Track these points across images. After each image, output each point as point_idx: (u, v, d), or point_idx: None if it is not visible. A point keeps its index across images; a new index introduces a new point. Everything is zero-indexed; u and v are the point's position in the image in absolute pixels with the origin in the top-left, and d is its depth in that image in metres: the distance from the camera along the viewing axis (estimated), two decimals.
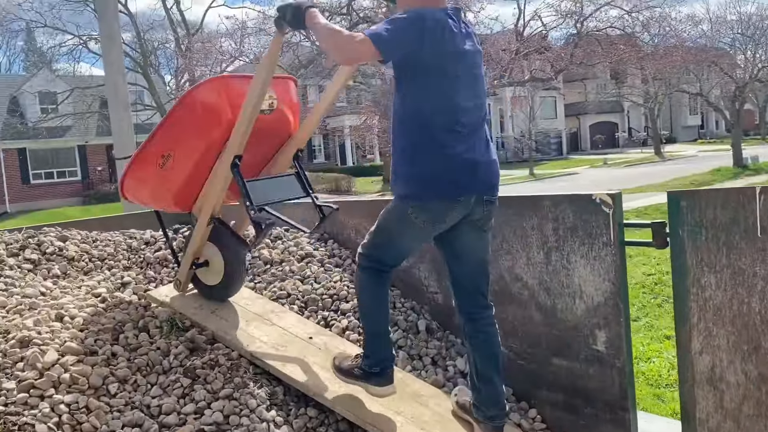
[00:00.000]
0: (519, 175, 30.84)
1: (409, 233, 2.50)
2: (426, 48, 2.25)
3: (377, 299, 2.63)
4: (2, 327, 2.78)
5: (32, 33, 39.74)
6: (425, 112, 2.35)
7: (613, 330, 2.60)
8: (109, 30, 8.88)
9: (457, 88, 2.36)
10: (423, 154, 2.36)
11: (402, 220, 2.45)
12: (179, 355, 2.81)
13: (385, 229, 2.54)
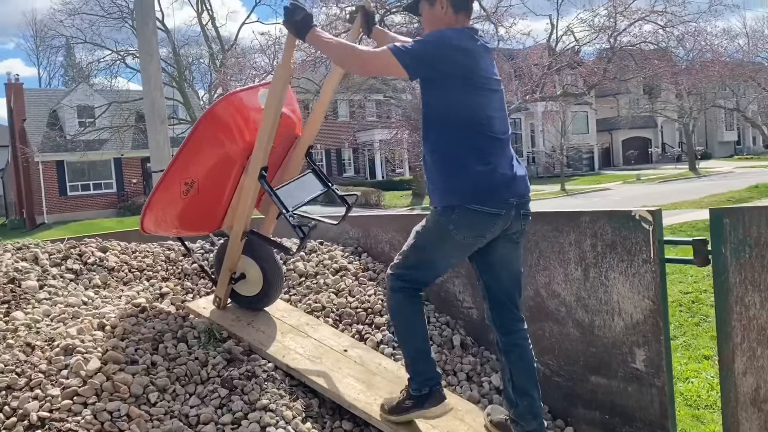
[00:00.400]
0: (550, 191, 30.57)
1: (449, 250, 2.50)
2: (454, 65, 2.36)
3: (414, 321, 2.58)
4: (47, 335, 2.85)
5: (72, 49, 40.80)
6: (462, 124, 2.41)
7: (653, 348, 2.56)
8: (148, 46, 9.09)
9: (487, 102, 2.45)
10: (463, 167, 2.39)
11: (442, 237, 2.45)
12: (217, 366, 2.85)
13: (422, 248, 2.52)
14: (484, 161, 2.40)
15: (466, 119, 2.42)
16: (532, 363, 2.56)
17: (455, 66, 2.37)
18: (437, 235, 2.47)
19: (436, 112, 2.46)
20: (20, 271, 3.70)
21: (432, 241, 2.49)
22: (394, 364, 3.07)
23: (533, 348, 2.62)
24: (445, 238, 2.44)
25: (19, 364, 2.62)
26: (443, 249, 2.49)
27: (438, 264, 2.57)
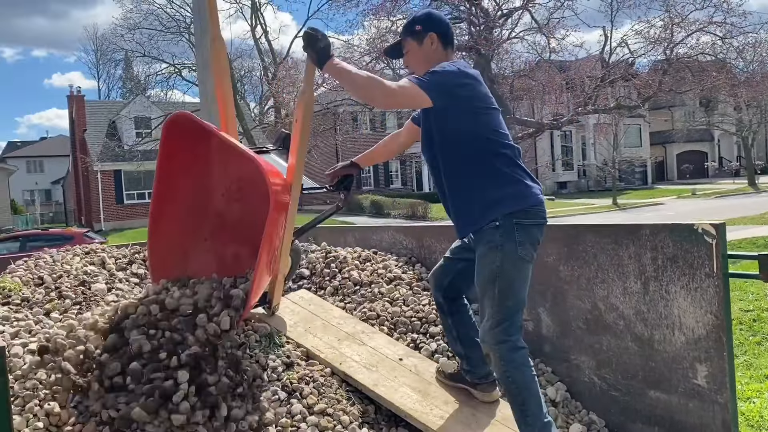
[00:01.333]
0: (601, 205, 30.02)
1: (525, 274, 2.53)
2: (470, 91, 2.54)
3: (533, 375, 2.50)
4: None
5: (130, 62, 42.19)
6: (485, 142, 2.56)
7: (716, 365, 2.51)
8: (205, 60, 9.39)
9: (497, 120, 2.62)
10: (501, 176, 2.54)
11: (517, 267, 2.48)
12: (276, 369, 2.92)
13: (508, 291, 2.47)
14: (513, 170, 2.55)
15: (486, 137, 2.55)
16: (473, 320, 2.89)
17: (471, 91, 2.54)
18: (511, 267, 2.47)
19: (455, 137, 2.57)
20: (89, 274, 3.88)
21: (511, 276, 2.47)
22: None
23: (592, 361, 2.65)
24: (520, 264, 2.48)
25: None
26: (524, 276, 2.51)
27: (524, 293, 2.54)
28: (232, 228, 3.40)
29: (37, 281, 3.76)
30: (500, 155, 2.54)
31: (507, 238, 2.46)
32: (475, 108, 2.55)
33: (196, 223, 3.38)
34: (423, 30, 2.69)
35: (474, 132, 2.54)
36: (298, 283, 4.15)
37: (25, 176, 53.72)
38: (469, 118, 2.54)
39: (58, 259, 4.12)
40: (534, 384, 2.47)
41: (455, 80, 2.51)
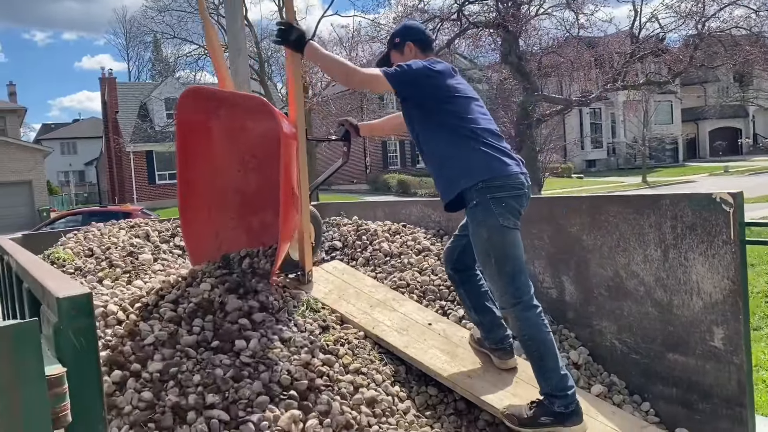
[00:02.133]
0: (631, 183, 29.72)
1: (516, 241, 2.73)
2: (432, 82, 2.83)
3: (549, 337, 2.67)
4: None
5: (159, 44, 42.57)
6: (453, 121, 2.82)
7: (732, 327, 2.63)
8: (236, 42, 9.58)
9: (468, 103, 2.88)
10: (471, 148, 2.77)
11: (504, 236, 2.69)
12: (314, 332, 3.12)
13: (504, 259, 2.69)
14: (480, 149, 2.76)
15: (451, 122, 2.82)
16: (484, 287, 3.04)
17: (434, 81, 2.84)
18: (499, 238, 2.70)
19: (424, 122, 2.89)
20: (135, 246, 4.11)
21: (501, 247, 2.70)
22: None
23: (613, 326, 2.91)
24: (505, 232, 2.69)
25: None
26: (512, 244, 2.72)
27: (521, 257, 2.75)
28: (254, 197, 3.65)
29: (87, 252, 4.01)
30: (467, 138, 2.79)
31: (487, 213, 2.69)
32: (438, 97, 2.85)
33: (220, 205, 3.64)
34: (401, 41, 3.09)
35: (440, 118, 2.85)
36: (331, 254, 4.34)
37: (60, 158, 54.88)
38: (433, 106, 2.86)
39: (105, 233, 4.37)
40: (549, 340, 2.66)
41: (418, 72, 2.83)
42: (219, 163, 3.64)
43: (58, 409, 1.21)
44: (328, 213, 5.03)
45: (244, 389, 2.61)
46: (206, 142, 3.59)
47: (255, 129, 3.63)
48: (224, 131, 3.62)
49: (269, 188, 3.42)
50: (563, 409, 2.56)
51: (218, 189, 3.66)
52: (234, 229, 3.71)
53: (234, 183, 3.71)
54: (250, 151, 3.68)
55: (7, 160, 30.63)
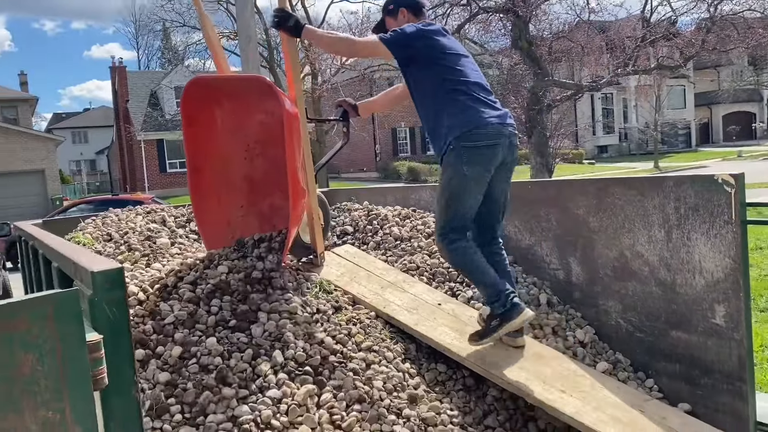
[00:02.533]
0: (642, 168, 29.61)
1: (472, 188, 2.98)
2: (426, 42, 3.03)
3: (477, 260, 3.02)
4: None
5: (168, 32, 42.61)
6: (445, 80, 3.02)
7: (733, 304, 2.71)
8: (247, 29, 9.64)
9: (459, 60, 3.08)
10: (458, 106, 2.97)
11: (462, 182, 2.95)
12: (327, 312, 3.22)
13: (452, 199, 3.00)
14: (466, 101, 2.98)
15: (443, 77, 3.02)
16: (508, 265, 3.24)
17: (427, 42, 3.04)
18: (458, 182, 2.97)
19: (419, 80, 3.11)
20: (152, 230, 4.23)
21: (456, 189, 2.99)
22: None
23: (618, 305, 3.03)
24: (465, 180, 2.95)
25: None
26: (468, 190, 2.98)
27: (469, 204, 3.03)
28: (262, 182, 3.76)
29: (105, 237, 4.14)
30: (455, 90, 3.01)
31: (456, 159, 2.95)
32: (431, 56, 3.05)
33: (230, 194, 3.75)
34: (395, 7, 3.30)
35: (432, 75, 3.05)
36: (342, 239, 4.44)
37: (71, 147, 55.27)
38: (427, 64, 3.06)
39: (123, 218, 4.50)
40: (482, 264, 3.01)
41: (412, 35, 3.04)
42: (225, 153, 3.74)
43: (96, 372, 1.32)
44: (339, 199, 5.13)
45: (261, 366, 2.73)
46: (211, 132, 3.69)
47: (258, 112, 3.72)
48: (228, 120, 3.71)
49: (276, 171, 3.52)
50: (502, 308, 2.92)
51: (227, 179, 3.76)
52: (245, 216, 3.82)
53: (242, 171, 3.81)
54: (254, 137, 3.76)
55: (20, 150, 30.92)
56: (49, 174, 31.82)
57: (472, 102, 2.99)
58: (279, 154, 3.38)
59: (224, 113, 3.72)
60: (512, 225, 3.85)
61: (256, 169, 3.83)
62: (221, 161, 3.74)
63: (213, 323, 2.94)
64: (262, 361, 2.75)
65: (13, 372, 1.17)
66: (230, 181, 3.78)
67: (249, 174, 3.82)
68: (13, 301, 1.18)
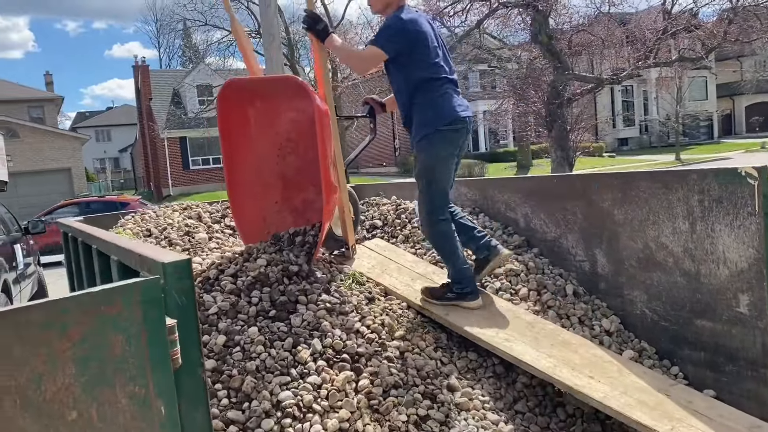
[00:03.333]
0: (664, 161, 29.37)
1: (447, 167, 3.37)
2: (412, 40, 3.29)
3: (454, 240, 3.41)
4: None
5: (188, 31, 43.00)
6: (424, 75, 3.34)
7: (756, 293, 2.79)
8: (270, 27, 9.80)
9: (436, 54, 3.36)
10: (434, 101, 3.33)
11: (438, 162, 3.33)
12: (360, 303, 3.36)
13: (433, 181, 3.34)
14: (441, 93, 3.35)
15: (423, 68, 3.32)
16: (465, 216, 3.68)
17: (415, 39, 3.29)
18: (435, 164, 3.35)
19: (402, 73, 3.38)
20: (190, 226, 4.40)
21: (435, 171, 3.36)
22: (513, 306, 3.47)
23: (644, 295, 3.19)
24: (440, 161, 3.34)
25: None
26: (444, 171, 3.38)
27: (446, 184, 3.41)
28: (295, 179, 3.91)
29: (145, 233, 4.31)
30: (432, 83, 3.34)
31: (433, 144, 3.34)
32: (413, 51, 3.31)
33: (265, 191, 3.90)
34: None
35: (412, 67, 3.34)
36: (372, 233, 4.57)
37: (95, 145, 56.10)
38: (409, 57, 3.33)
39: (161, 214, 4.67)
40: (453, 243, 3.41)
41: (400, 32, 3.30)
42: (260, 152, 3.89)
43: (172, 353, 1.47)
44: (368, 194, 5.26)
45: (301, 354, 2.87)
46: (246, 132, 3.83)
47: (289, 111, 3.86)
48: (261, 121, 3.86)
49: (307, 168, 3.67)
50: (460, 289, 3.35)
51: (261, 176, 3.92)
52: (280, 212, 3.97)
53: (275, 169, 3.96)
54: (286, 135, 3.90)
55: (47, 149, 31.54)
56: (75, 172, 32.42)
57: (448, 95, 3.35)
58: (310, 151, 3.52)
59: (257, 113, 3.87)
60: (538, 218, 3.96)
61: (288, 166, 3.97)
62: (256, 160, 3.89)
63: (254, 313, 3.09)
64: (302, 349, 2.89)
65: (107, 352, 1.32)
66: (265, 179, 3.93)
67: (282, 171, 3.97)
68: (108, 287, 1.32)
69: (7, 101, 33.61)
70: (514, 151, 33.01)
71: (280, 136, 3.94)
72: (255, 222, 3.88)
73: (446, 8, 14.92)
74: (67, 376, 1.25)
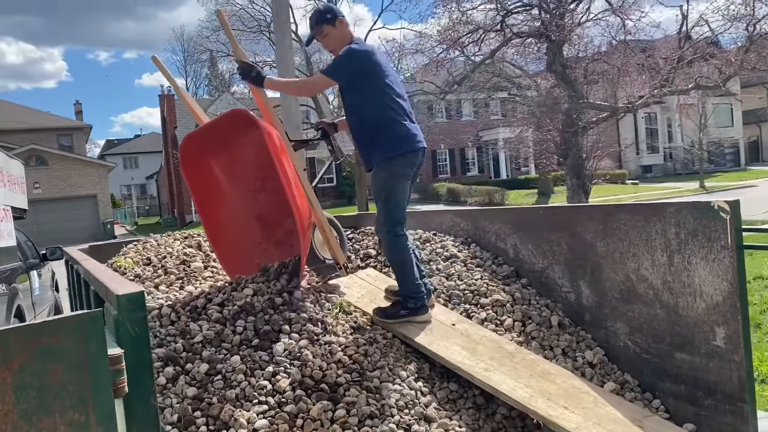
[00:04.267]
0: (687, 188, 29.03)
1: (403, 186, 3.54)
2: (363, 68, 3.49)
3: (409, 256, 3.56)
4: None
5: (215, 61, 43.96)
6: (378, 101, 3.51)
7: (731, 327, 2.79)
8: (285, 58, 10.05)
9: (390, 81, 3.54)
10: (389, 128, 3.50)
11: (396, 181, 3.51)
12: (345, 332, 3.41)
13: (391, 197, 3.52)
14: (399, 121, 3.51)
15: (379, 96, 3.49)
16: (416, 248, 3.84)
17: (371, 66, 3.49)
18: (393, 182, 3.52)
19: (358, 100, 3.54)
20: (188, 255, 4.51)
21: (392, 188, 3.53)
22: (497, 336, 3.49)
23: (626, 327, 3.26)
24: (398, 179, 3.52)
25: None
26: (400, 188, 3.54)
27: (403, 200, 3.58)
28: (271, 214, 4.01)
29: (145, 261, 4.43)
30: (388, 112, 3.50)
31: (391, 163, 3.51)
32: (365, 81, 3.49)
33: (246, 235, 4.02)
34: (333, 17, 3.64)
35: (368, 97, 3.51)
36: (365, 261, 4.63)
37: (122, 172, 57.33)
38: (362, 87, 3.50)
39: (162, 243, 4.79)
40: (409, 259, 3.54)
41: (350, 62, 3.50)
42: (232, 201, 4.03)
43: (117, 382, 1.54)
44: (366, 223, 5.34)
45: (280, 383, 2.93)
46: (214, 180, 3.97)
47: (246, 147, 3.92)
48: (225, 168, 3.99)
49: (279, 199, 3.74)
50: (413, 304, 3.50)
51: (240, 224, 4.04)
52: (266, 250, 4.06)
53: (251, 210, 4.08)
54: (251, 174, 4.00)
55: (75, 176, 32.30)
56: (101, 199, 33.09)
57: (403, 125, 3.52)
58: (277, 183, 3.59)
59: (219, 162, 3.98)
60: (526, 249, 3.99)
61: (262, 205, 4.07)
62: (230, 209, 4.02)
63: (238, 342, 3.16)
64: (281, 378, 2.95)
65: (46, 381, 1.39)
66: (243, 225, 4.05)
67: (258, 212, 4.07)
68: (50, 319, 1.41)
69: (37, 129, 34.58)
70: (535, 177, 32.91)
71: (247, 175, 4.03)
72: (246, 266, 3.92)
73: (462, 38, 15.08)
74: (7, 404, 1.33)
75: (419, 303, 3.53)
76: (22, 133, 33.53)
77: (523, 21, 15.39)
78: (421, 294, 3.55)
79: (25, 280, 7.24)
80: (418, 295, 3.54)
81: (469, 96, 25.74)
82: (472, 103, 31.52)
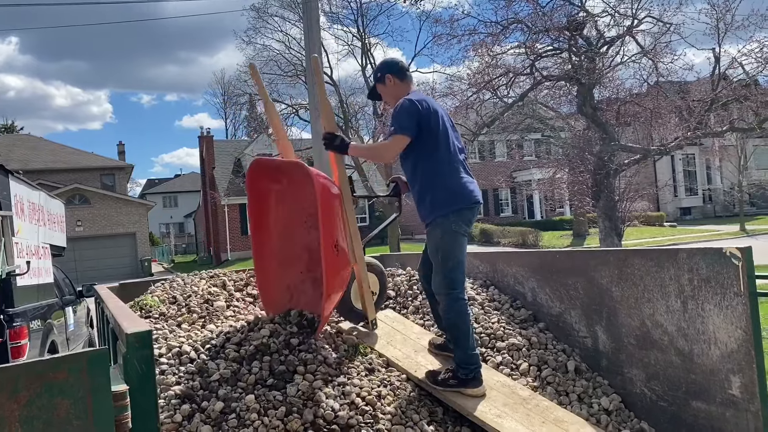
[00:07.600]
0: (727, 231, 28.36)
1: (462, 245, 3.42)
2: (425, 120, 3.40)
3: (469, 321, 3.39)
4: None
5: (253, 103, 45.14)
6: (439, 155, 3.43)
7: (747, 376, 2.75)
8: (316, 102, 10.35)
9: (449, 135, 3.48)
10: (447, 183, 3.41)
11: (455, 239, 3.38)
12: (360, 374, 3.45)
13: (451, 258, 3.37)
14: (454, 175, 3.43)
15: (439, 152, 3.41)
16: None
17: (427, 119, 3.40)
18: (449, 240, 3.39)
19: (419, 154, 3.44)
20: (212, 294, 4.62)
21: (452, 247, 3.39)
22: (511, 381, 3.48)
23: (642, 374, 3.22)
24: (454, 237, 3.38)
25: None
26: (458, 246, 3.40)
27: (462, 259, 3.43)
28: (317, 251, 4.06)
29: (171, 300, 4.55)
30: (445, 162, 3.41)
31: (446, 220, 3.38)
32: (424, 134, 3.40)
33: (292, 260, 4.07)
34: (382, 75, 3.69)
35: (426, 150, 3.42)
36: (384, 303, 4.67)
37: (162, 210, 58.71)
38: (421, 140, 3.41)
39: (188, 282, 4.92)
40: (467, 325, 3.36)
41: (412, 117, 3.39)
42: (288, 223, 4.08)
43: (121, 417, 1.62)
44: (388, 264, 5.40)
45: (291, 423, 2.97)
46: (274, 204, 4.06)
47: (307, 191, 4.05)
48: (287, 195, 4.08)
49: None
50: (465, 375, 3.30)
51: (290, 247, 4.10)
52: (302, 282, 4.12)
53: (302, 241, 4.13)
54: (308, 210, 4.11)
55: (116, 214, 33.24)
56: (140, 237, 33.91)
57: (459, 180, 3.43)
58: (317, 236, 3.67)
59: (283, 188, 4.07)
60: (544, 292, 3.99)
61: (313, 239, 4.14)
62: (284, 229, 4.07)
63: (253, 381, 3.22)
64: (293, 419, 2.99)
65: (52, 414, 1.48)
66: (292, 249, 4.10)
67: (308, 244, 4.13)
68: (57, 356, 1.50)
69: (81, 169, 35.82)
70: (570, 219, 32.57)
71: (305, 210, 4.13)
72: (278, 289, 4.02)
73: (492, 81, 15.25)
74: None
75: (471, 375, 3.31)
76: (67, 172, 34.79)
77: (554, 64, 15.50)
78: (474, 365, 3.33)
79: (60, 316, 7.46)
80: (470, 366, 3.32)
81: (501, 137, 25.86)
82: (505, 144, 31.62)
